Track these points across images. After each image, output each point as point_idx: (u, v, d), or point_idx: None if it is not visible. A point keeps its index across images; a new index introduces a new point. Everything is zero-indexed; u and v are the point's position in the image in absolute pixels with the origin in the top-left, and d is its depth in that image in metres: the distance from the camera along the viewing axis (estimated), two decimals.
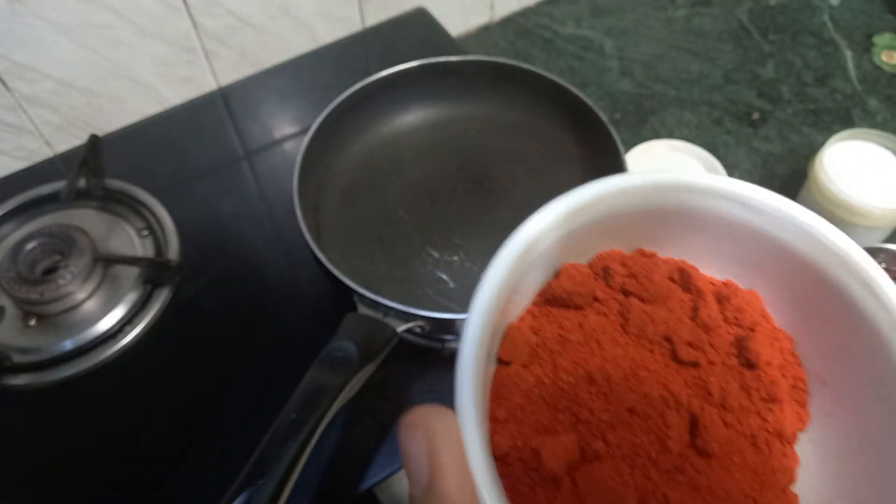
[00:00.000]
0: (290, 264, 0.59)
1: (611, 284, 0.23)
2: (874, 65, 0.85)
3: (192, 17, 0.69)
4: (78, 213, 0.62)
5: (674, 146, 0.72)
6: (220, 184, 0.64)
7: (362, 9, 0.80)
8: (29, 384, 0.52)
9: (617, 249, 0.24)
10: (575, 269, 0.23)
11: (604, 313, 0.23)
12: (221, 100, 0.72)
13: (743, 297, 0.23)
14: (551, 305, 0.23)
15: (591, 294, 0.23)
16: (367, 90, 0.57)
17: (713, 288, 0.24)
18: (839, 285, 0.21)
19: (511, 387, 0.21)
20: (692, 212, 0.23)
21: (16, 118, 0.67)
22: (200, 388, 0.52)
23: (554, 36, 0.91)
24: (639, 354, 0.22)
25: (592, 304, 0.23)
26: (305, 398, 0.39)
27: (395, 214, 0.56)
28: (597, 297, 0.23)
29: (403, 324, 0.45)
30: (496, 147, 0.60)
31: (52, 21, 0.63)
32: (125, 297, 0.56)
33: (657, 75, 0.85)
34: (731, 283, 0.24)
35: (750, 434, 0.21)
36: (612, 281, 0.23)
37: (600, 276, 0.24)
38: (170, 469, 0.48)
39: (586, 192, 0.23)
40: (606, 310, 0.23)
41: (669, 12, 0.92)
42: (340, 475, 0.48)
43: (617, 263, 0.24)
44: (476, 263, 0.53)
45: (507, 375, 0.21)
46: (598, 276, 0.24)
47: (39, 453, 0.50)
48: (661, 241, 0.24)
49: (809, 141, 0.78)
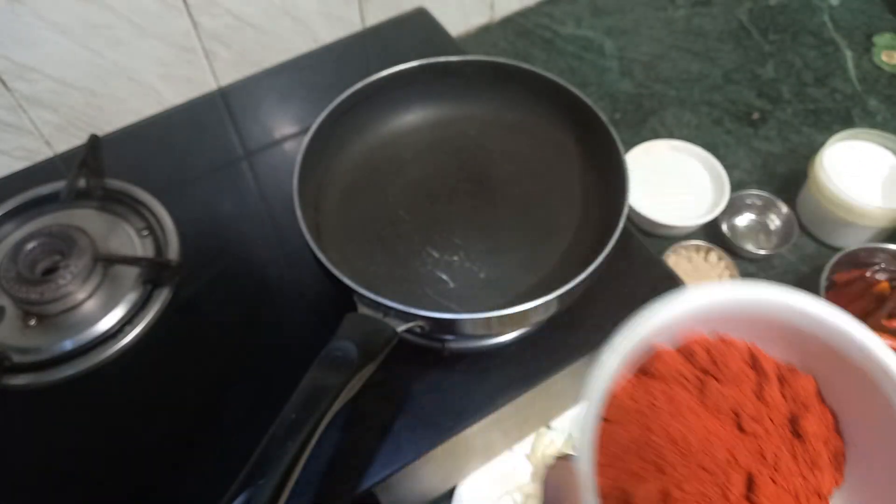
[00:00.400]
0: (290, 264, 0.59)
1: (694, 364, 0.31)
2: (874, 65, 0.85)
3: (192, 17, 0.69)
4: (78, 213, 0.62)
5: (674, 146, 0.72)
6: (220, 184, 0.64)
7: (362, 9, 0.80)
8: (29, 384, 0.52)
9: (701, 334, 0.31)
10: (668, 355, 0.30)
11: (687, 389, 0.30)
12: (221, 100, 0.72)
13: (800, 381, 0.30)
14: (647, 378, 0.30)
15: (679, 373, 0.30)
16: (367, 90, 0.57)
17: (776, 370, 0.30)
18: (876, 383, 0.28)
19: (612, 440, 0.28)
20: (768, 312, 0.30)
21: (16, 118, 0.67)
22: (200, 388, 0.52)
23: (554, 36, 0.91)
24: (711, 423, 0.29)
25: (679, 380, 0.30)
26: (305, 398, 0.39)
27: (395, 214, 0.56)
28: (683, 374, 0.30)
29: (403, 324, 0.45)
30: (496, 147, 0.60)
31: (52, 21, 0.63)
32: (125, 297, 0.56)
33: (657, 75, 0.85)
34: (792, 367, 0.31)
35: (794, 492, 0.28)
36: (695, 363, 0.30)
37: (687, 358, 0.31)
38: (170, 469, 0.48)
39: (691, 301, 0.30)
40: (689, 386, 0.30)
41: (669, 12, 0.92)
42: (340, 475, 0.48)
43: (701, 349, 0.31)
44: (476, 263, 0.53)
45: (610, 431, 0.28)
46: (686, 358, 0.31)
47: (39, 453, 0.50)
48: (738, 326, 0.30)
49: (809, 141, 0.78)
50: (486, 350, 0.52)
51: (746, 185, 0.74)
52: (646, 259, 0.57)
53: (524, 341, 0.53)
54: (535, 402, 0.54)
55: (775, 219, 0.72)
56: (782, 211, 0.71)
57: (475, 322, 0.45)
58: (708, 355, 0.31)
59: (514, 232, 0.55)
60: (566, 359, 0.52)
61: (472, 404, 0.50)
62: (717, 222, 0.69)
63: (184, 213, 0.62)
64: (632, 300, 0.55)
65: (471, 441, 0.52)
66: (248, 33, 0.74)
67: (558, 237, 0.54)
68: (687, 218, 0.68)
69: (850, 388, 0.29)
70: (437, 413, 0.50)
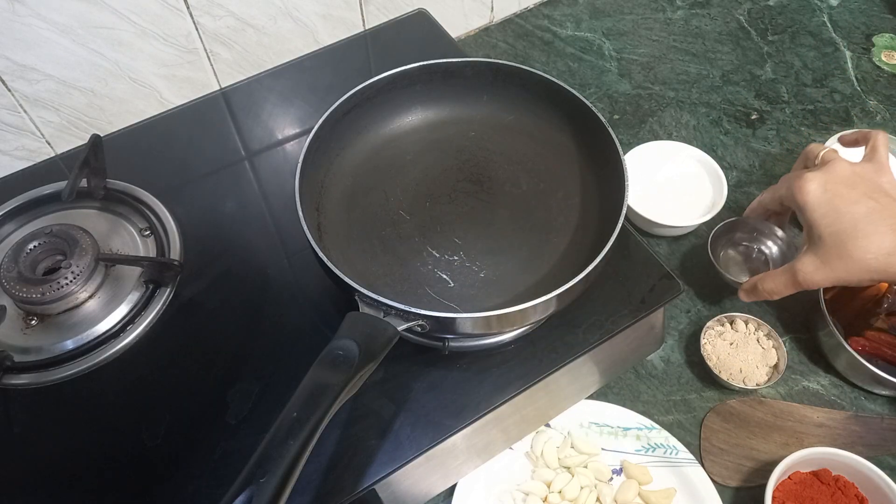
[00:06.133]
0: (291, 264, 0.59)
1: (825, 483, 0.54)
2: (873, 65, 0.86)
3: (193, 19, 0.70)
4: (79, 213, 0.62)
5: (672, 147, 0.73)
6: (221, 184, 0.65)
7: (363, 11, 0.80)
8: (30, 384, 0.52)
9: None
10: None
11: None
12: (223, 101, 0.72)
13: (852, 490, 0.53)
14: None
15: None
16: (367, 91, 0.57)
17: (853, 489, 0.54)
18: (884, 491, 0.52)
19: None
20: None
21: (17, 118, 0.68)
22: (202, 387, 0.52)
23: (553, 37, 0.91)
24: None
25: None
26: (307, 397, 0.39)
27: (395, 214, 0.56)
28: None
29: (404, 323, 0.45)
30: (496, 148, 0.60)
31: (53, 21, 0.63)
32: (127, 297, 0.56)
33: (656, 76, 0.86)
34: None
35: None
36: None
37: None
38: (171, 468, 0.49)
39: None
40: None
41: (668, 13, 0.93)
42: (342, 473, 0.48)
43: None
44: (476, 263, 0.53)
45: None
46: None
47: (40, 453, 0.50)
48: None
49: (808, 141, 0.78)
50: (486, 349, 0.53)
51: (745, 185, 0.74)
52: (644, 258, 0.57)
53: (524, 340, 0.53)
54: (534, 400, 0.55)
55: (772, 245, 0.66)
56: (778, 235, 0.65)
57: (475, 321, 0.45)
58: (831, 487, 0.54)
59: (514, 232, 0.55)
60: (565, 358, 0.52)
61: (472, 403, 0.50)
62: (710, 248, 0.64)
63: (185, 214, 0.62)
64: (630, 299, 0.55)
65: (471, 439, 0.53)
66: (250, 34, 0.75)
67: (557, 237, 0.55)
68: (685, 218, 0.68)
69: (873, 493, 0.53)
70: (437, 411, 0.50)
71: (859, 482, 0.53)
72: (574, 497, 0.55)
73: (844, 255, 0.50)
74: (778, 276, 0.55)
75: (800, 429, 0.59)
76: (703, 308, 0.66)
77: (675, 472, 0.56)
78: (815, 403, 0.60)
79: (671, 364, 0.63)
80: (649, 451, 0.57)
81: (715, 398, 0.61)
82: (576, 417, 0.59)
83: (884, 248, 0.48)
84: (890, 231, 0.49)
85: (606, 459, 0.57)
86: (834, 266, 0.51)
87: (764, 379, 0.60)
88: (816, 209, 0.51)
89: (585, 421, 0.59)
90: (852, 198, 0.51)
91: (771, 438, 0.58)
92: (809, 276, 0.52)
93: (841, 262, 0.50)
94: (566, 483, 0.55)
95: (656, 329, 0.60)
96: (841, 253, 0.50)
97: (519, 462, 0.58)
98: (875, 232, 0.49)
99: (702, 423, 0.59)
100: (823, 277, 0.52)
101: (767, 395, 0.61)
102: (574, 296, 0.48)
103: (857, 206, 0.50)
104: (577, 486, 0.55)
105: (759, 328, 0.62)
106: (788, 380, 0.62)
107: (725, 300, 0.67)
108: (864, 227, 0.49)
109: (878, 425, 0.59)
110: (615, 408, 0.59)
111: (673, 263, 0.69)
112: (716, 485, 0.55)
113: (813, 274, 0.52)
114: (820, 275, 0.52)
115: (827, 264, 0.51)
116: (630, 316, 0.54)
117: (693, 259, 0.69)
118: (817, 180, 0.52)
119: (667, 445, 0.57)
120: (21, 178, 0.66)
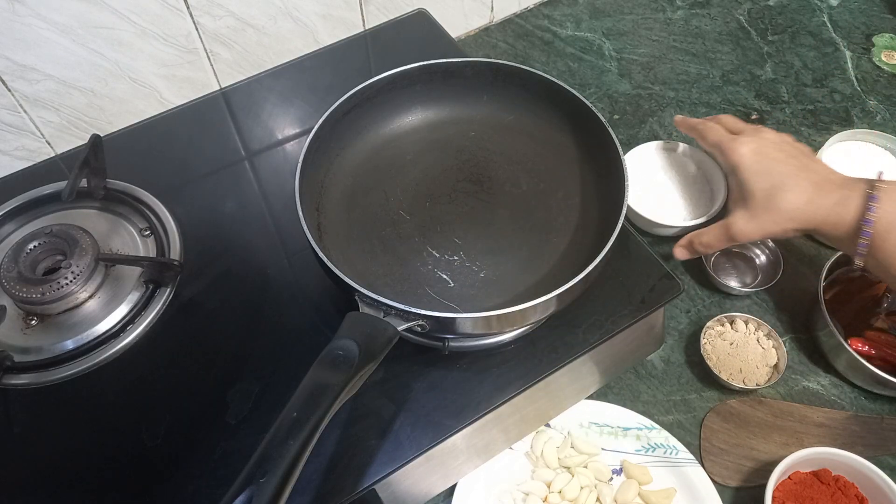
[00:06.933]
0: (291, 264, 0.59)
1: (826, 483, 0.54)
2: (873, 65, 0.86)
3: (193, 19, 0.70)
4: (80, 213, 0.62)
5: (672, 147, 0.73)
6: (221, 184, 0.65)
7: (363, 11, 0.80)
8: (30, 384, 0.52)
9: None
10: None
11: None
12: (223, 101, 0.72)
13: (852, 490, 0.53)
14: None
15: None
16: (368, 92, 0.57)
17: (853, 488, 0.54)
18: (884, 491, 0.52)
19: None
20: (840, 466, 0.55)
21: (17, 118, 0.68)
22: (202, 387, 0.52)
23: (553, 37, 0.91)
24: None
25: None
26: (307, 397, 0.39)
27: (395, 214, 0.56)
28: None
29: (404, 323, 0.45)
30: (496, 148, 0.60)
31: (53, 21, 0.63)
32: (127, 297, 0.56)
33: (656, 76, 0.86)
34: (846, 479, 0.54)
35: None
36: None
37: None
38: (171, 468, 0.49)
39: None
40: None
41: (668, 13, 0.93)
42: (342, 473, 0.48)
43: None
44: (476, 263, 0.53)
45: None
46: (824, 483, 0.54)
47: (40, 453, 0.50)
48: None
49: (808, 141, 0.78)
50: (486, 349, 0.53)
51: None
52: (644, 258, 0.57)
53: (524, 340, 0.53)
54: (534, 400, 0.55)
55: (760, 254, 0.69)
56: (767, 244, 0.68)
57: (475, 321, 0.45)
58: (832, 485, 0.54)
59: (513, 232, 0.55)
60: (565, 358, 0.52)
61: (472, 403, 0.50)
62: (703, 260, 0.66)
63: (185, 214, 0.62)
64: (630, 299, 0.55)
65: (471, 439, 0.53)
66: (250, 34, 0.75)
67: (557, 237, 0.55)
68: (685, 218, 0.68)
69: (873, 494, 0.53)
70: (437, 411, 0.50)
71: (859, 482, 0.53)
72: (574, 497, 0.55)
73: (772, 208, 0.56)
74: (711, 231, 0.61)
75: (800, 429, 0.59)
76: (703, 308, 0.66)
77: (675, 472, 0.56)
78: (815, 403, 0.60)
79: (671, 364, 0.63)
80: (649, 451, 0.57)
81: (715, 398, 0.61)
82: (576, 417, 0.59)
83: (803, 199, 0.55)
84: (810, 185, 0.55)
85: (606, 459, 0.57)
86: (762, 219, 0.57)
87: (764, 379, 0.60)
88: (749, 168, 0.58)
89: (585, 421, 0.59)
90: (779, 158, 0.58)
91: (771, 438, 0.58)
92: (741, 229, 0.58)
93: (768, 215, 0.56)
94: (566, 483, 0.55)
95: (656, 329, 0.60)
96: (769, 206, 0.56)
97: (519, 462, 0.58)
98: (797, 186, 0.55)
99: (702, 423, 0.60)
100: (753, 229, 0.58)
101: (767, 395, 0.61)
102: (574, 296, 0.48)
103: (784, 166, 0.57)
104: (577, 486, 0.55)
105: (759, 328, 0.62)
106: (788, 380, 0.62)
107: (725, 300, 0.67)
108: (788, 182, 0.56)
109: (878, 425, 0.59)
110: (615, 408, 0.59)
111: (673, 263, 0.69)
112: (716, 485, 0.55)
113: (744, 227, 0.58)
114: (750, 226, 0.58)
115: (756, 217, 0.57)
116: (630, 316, 0.54)
117: (693, 259, 0.69)
118: (750, 144, 0.59)
119: (667, 445, 0.57)
120: (21, 178, 0.66)
